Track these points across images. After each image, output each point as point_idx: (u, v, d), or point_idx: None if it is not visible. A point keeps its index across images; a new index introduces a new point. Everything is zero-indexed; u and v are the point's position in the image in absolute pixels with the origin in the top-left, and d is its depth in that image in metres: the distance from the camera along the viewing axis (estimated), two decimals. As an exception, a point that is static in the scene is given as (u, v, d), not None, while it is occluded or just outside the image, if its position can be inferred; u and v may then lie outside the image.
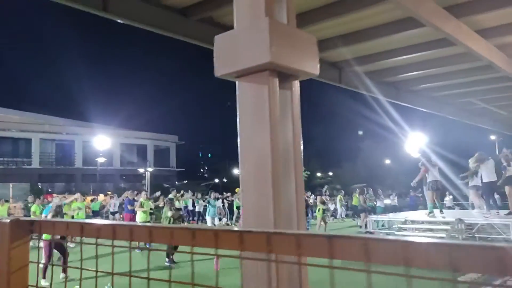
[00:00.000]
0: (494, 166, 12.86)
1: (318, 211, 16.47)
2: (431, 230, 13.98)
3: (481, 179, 13.64)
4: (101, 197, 24.46)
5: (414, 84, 7.04)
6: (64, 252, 9.44)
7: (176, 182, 43.25)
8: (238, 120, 2.05)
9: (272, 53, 1.87)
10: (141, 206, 13.06)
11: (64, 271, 8.95)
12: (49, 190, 34.95)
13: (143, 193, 14.14)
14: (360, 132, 59.14)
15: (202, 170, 76.61)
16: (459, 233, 13.21)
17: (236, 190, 23.73)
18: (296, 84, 2.09)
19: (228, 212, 21.82)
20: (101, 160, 31.09)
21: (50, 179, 39.31)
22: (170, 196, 15.58)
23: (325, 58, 6.00)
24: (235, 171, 48.82)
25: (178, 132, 50.82)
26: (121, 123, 44.08)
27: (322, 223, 16.70)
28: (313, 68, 2.07)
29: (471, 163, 13.26)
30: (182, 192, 20.20)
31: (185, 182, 48.01)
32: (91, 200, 19.04)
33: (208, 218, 17.23)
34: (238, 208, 22.02)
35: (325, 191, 22.37)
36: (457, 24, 4.62)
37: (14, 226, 1.39)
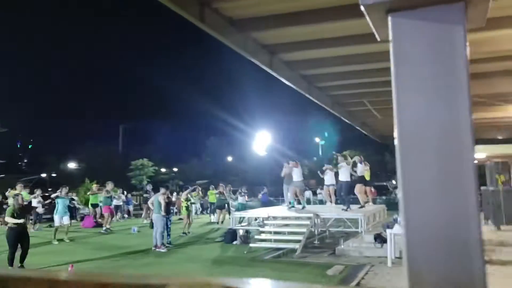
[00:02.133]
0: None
1: (183, 208, 15.72)
2: (287, 225, 14.65)
3: (335, 178, 15.02)
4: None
5: (323, 80, 7.02)
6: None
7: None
8: (394, 79, 1.30)
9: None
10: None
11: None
12: None
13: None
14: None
15: (22, 162, 66.45)
16: (316, 227, 14.17)
17: (93, 186, 21.00)
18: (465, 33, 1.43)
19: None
20: None
21: None
22: (17, 191, 12.38)
23: (258, 40, 5.40)
24: (70, 165, 43.64)
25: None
26: None
27: (187, 220, 16.04)
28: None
29: (338, 162, 14.50)
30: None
31: (2, 176, 40.73)
32: None
33: (56, 217, 14.56)
34: (93, 205, 19.47)
35: (194, 188, 21.71)
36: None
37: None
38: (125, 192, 25.75)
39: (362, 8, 1.33)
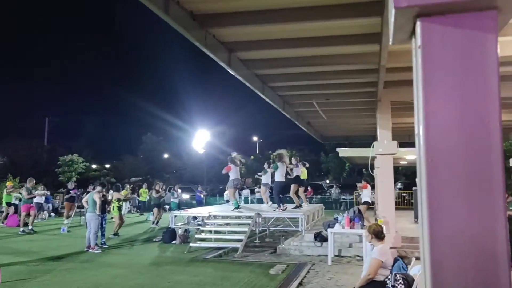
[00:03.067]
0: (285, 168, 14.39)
1: (113, 208, 14.90)
2: (228, 224, 14.54)
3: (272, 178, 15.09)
4: None
5: (276, 80, 7.00)
6: None
7: None
8: (422, 86, 1.25)
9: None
10: None
11: None
12: None
13: None
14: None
15: None
16: (257, 226, 14.20)
17: (8, 183, 19.24)
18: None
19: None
20: None
21: None
22: None
23: (217, 36, 5.23)
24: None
25: None
26: None
27: (119, 221, 15.24)
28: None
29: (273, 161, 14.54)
30: None
31: None
32: None
33: None
34: (8, 204, 17.90)
35: (130, 186, 20.68)
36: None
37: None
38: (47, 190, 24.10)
39: (392, 10, 1.26)
